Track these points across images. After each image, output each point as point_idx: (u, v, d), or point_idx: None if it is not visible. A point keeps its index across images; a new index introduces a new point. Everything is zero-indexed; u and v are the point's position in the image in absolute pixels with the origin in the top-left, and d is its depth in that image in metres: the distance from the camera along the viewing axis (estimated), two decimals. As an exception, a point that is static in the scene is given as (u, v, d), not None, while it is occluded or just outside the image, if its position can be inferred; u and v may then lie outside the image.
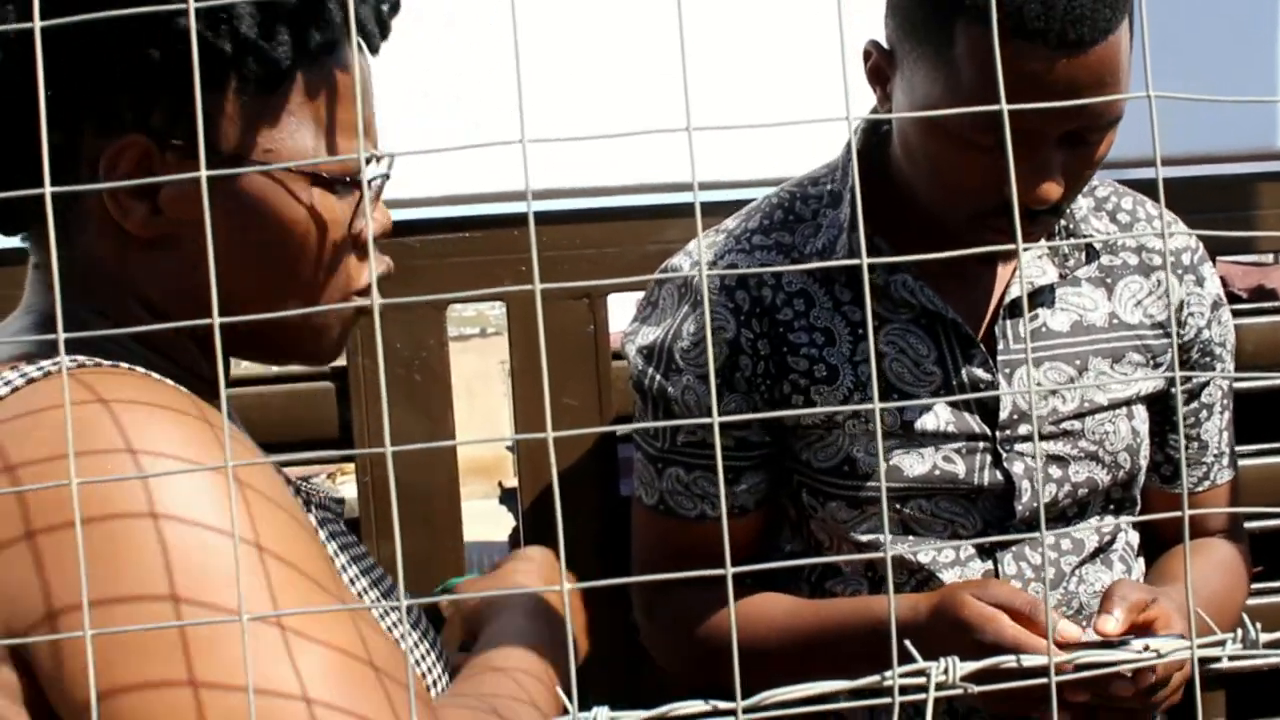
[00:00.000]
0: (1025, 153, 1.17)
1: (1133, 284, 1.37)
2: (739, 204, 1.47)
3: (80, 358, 0.79)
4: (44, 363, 0.78)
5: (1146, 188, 1.37)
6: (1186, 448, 1.43)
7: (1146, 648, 0.77)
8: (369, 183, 0.87)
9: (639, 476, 1.40)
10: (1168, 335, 1.38)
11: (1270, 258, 2.83)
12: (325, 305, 0.87)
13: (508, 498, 4.19)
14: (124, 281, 0.85)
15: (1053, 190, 1.18)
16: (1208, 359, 1.42)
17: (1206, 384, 1.42)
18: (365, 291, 0.89)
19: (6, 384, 0.77)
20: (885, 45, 1.25)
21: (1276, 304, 2.02)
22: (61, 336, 0.61)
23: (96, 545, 0.69)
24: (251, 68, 0.81)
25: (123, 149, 0.81)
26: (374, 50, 0.88)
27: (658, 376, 1.35)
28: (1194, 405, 1.43)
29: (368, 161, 0.86)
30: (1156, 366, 1.37)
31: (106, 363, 0.79)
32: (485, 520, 6.50)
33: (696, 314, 1.33)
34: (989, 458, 1.31)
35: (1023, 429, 1.31)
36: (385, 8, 0.88)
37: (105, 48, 0.78)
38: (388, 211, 0.93)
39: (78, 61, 0.79)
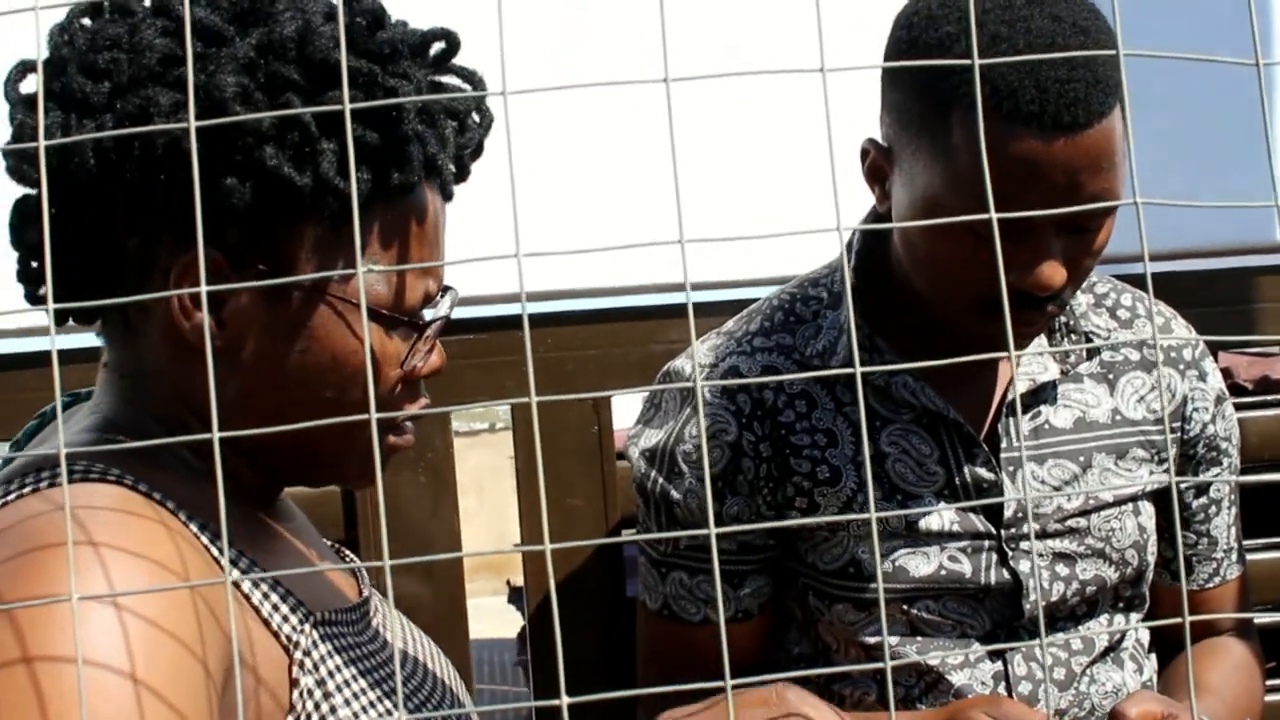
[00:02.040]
0: (1025, 240, 1.17)
1: (1135, 380, 1.37)
2: (738, 303, 1.48)
3: (97, 468, 0.81)
4: (44, 474, 0.81)
5: (1134, 282, 1.38)
6: (1197, 543, 1.42)
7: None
8: (429, 323, 0.90)
9: (642, 580, 1.40)
10: (1171, 431, 1.38)
11: (1276, 349, 2.83)
12: (362, 437, 0.89)
13: (515, 597, 4.17)
14: (180, 389, 0.87)
15: (1055, 275, 1.18)
16: (1214, 454, 1.41)
17: (1205, 487, 1.41)
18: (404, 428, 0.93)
19: (4, 495, 0.80)
20: (882, 143, 1.26)
21: (1281, 395, 2.01)
22: (63, 451, 0.62)
23: None
24: (329, 204, 0.84)
25: (194, 261, 0.83)
26: (447, 197, 0.91)
27: (660, 479, 1.34)
28: (1203, 500, 1.42)
29: (427, 301, 0.90)
30: (1161, 463, 1.37)
31: (111, 474, 0.81)
32: (493, 618, 6.45)
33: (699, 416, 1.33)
34: (995, 556, 1.31)
35: (1028, 527, 1.31)
36: (467, 153, 0.92)
37: (190, 165, 0.80)
38: (443, 351, 0.95)
39: (164, 173, 0.82)
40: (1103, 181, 1.16)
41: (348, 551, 1.08)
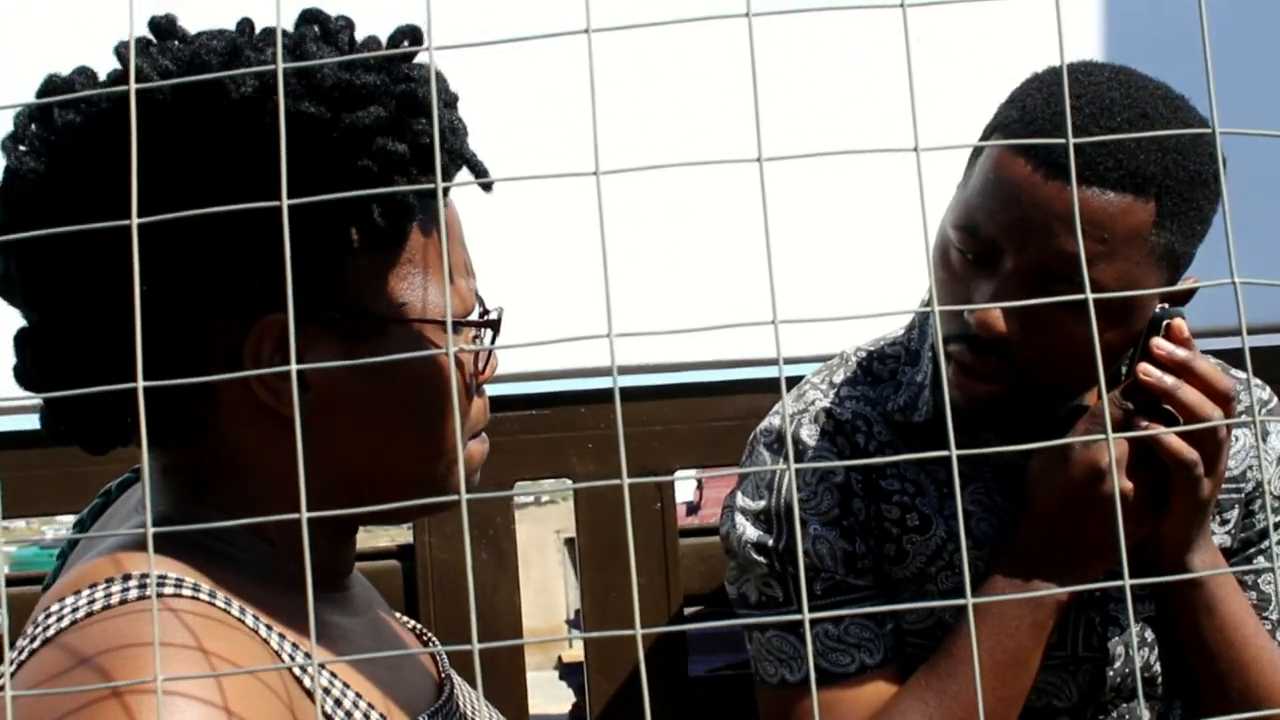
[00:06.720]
0: (990, 274, 1.17)
1: None
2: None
3: (170, 583, 0.75)
4: (131, 585, 0.74)
5: (1230, 357, 1.36)
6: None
7: None
8: (498, 320, 0.88)
9: (772, 657, 1.31)
10: (1236, 491, 1.35)
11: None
12: (451, 450, 0.85)
13: (567, 672, 4.14)
14: (264, 470, 0.81)
15: (994, 319, 1.16)
16: (1273, 509, 1.37)
17: (1265, 534, 1.37)
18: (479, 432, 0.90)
19: (90, 602, 0.73)
20: None
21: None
22: (151, 545, 0.60)
23: None
24: (376, 221, 0.79)
25: (264, 330, 0.78)
26: (486, 189, 0.84)
27: (783, 536, 1.32)
28: (1252, 553, 1.37)
29: (484, 312, 0.88)
30: (1224, 524, 1.34)
31: (186, 591, 0.75)
32: (540, 693, 6.39)
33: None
34: (1083, 623, 1.28)
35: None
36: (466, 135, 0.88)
37: (226, 227, 0.75)
38: (497, 355, 0.92)
39: (197, 245, 0.77)
40: (1074, 247, 1.12)
41: (429, 633, 1.04)
